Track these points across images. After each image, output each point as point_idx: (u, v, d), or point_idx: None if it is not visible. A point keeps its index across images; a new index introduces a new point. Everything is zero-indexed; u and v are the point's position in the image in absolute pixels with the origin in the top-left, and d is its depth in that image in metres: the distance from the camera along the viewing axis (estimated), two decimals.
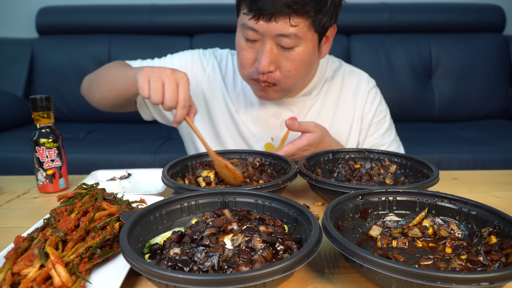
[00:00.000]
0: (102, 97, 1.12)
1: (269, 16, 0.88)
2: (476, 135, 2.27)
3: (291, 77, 0.98)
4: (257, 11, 0.89)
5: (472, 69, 2.54)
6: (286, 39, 0.91)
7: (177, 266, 0.50)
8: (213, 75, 1.18)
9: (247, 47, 0.97)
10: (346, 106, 1.16)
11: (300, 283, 0.55)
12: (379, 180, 0.91)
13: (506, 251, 0.54)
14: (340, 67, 1.20)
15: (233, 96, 1.17)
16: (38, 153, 0.89)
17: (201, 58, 1.21)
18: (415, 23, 2.63)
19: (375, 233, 0.63)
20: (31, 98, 0.88)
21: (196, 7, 2.63)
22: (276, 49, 0.94)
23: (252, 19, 0.90)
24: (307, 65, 0.98)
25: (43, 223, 0.63)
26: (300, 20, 0.90)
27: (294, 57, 0.94)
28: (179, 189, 0.73)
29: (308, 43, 0.94)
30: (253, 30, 0.92)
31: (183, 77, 0.88)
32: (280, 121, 1.14)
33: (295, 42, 0.92)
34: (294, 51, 0.94)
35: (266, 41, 0.93)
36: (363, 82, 1.18)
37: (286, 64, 0.95)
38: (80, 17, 2.62)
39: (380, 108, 1.19)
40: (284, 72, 0.96)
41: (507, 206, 0.84)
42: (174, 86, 0.86)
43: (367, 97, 1.17)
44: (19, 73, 2.56)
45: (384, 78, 2.47)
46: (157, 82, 0.86)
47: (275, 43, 0.93)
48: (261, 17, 0.89)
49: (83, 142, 2.16)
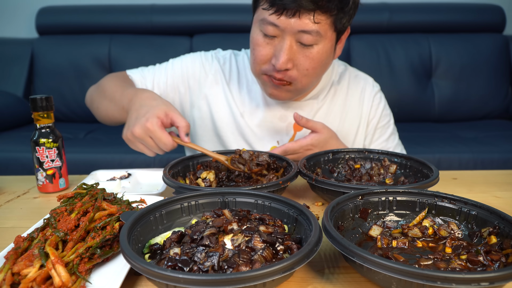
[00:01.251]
0: (103, 120, 1.17)
1: (293, 11, 0.87)
2: (476, 135, 2.27)
3: (308, 76, 0.97)
4: (280, 6, 0.87)
5: (472, 69, 2.54)
6: (307, 36, 0.90)
7: (177, 266, 0.50)
8: (216, 79, 1.16)
9: (265, 43, 0.95)
10: (352, 110, 1.16)
11: (300, 283, 0.55)
12: (379, 180, 0.91)
13: (506, 251, 0.54)
14: (346, 71, 1.20)
15: (238, 99, 1.15)
16: (38, 153, 0.89)
17: (203, 61, 1.19)
18: (415, 23, 2.63)
19: (375, 233, 0.63)
20: (31, 98, 0.88)
21: (196, 7, 2.63)
22: (296, 46, 0.93)
23: (274, 14, 0.89)
24: (323, 64, 0.98)
25: (43, 223, 0.63)
26: (323, 18, 0.89)
27: (313, 56, 0.93)
28: (179, 188, 0.73)
29: (327, 42, 0.94)
30: (274, 25, 0.91)
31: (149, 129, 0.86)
32: (287, 124, 1.12)
33: (315, 39, 0.91)
34: (314, 49, 0.93)
35: (286, 37, 0.91)
36: (369, 87, 1.18)
37: (304, 62, 0.94)
38: (80, 17, 2.63)
39: (385, 113, 1.19)
40: (302, 71, 0.95)
41: (507, 206, 0.84)
42: (150, 142, 0.88)
43: (372, 102, 1.17)
44: (19, 73, 2.56)
45: (384, 78, 2.47)
46: (137, 145, 0.90)
47: (295, 39, 0.92)
48: (284, 12, 0.88)
49: (83, 142, 2.16)
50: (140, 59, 2.51)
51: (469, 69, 2.54)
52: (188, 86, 1.17)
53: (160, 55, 2.48)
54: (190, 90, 1.17)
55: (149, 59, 2.52)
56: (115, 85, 1.09)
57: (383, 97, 1.20)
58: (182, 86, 1.17)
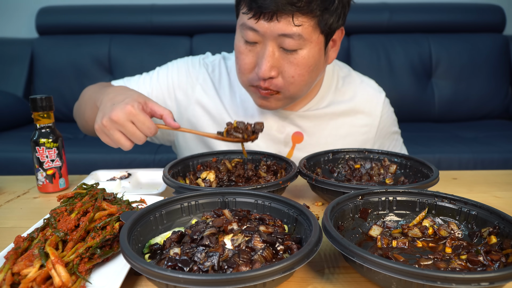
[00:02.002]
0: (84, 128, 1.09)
1: (271, 14, 0.81)
2: (476, 135, 2.27)
3: (295, 84, 0.90)
4: (257, 9, 0.82)
5: (472, 69, 2.54)
6: (289, 40, 0.84)
7: (177, 266, 0.50)
8: (205, 88, 1.09)
9: (247, 50, 0.90)
10: (359, 120, 1.10)
11: (300, 283, 0.55)
12: (379, 180, 0.91)
13: (506, 251, 0.54)
14: (349, 76, 1.13)
15: (231, 109, 1.07)
16: (38, 153, 0.89)
17: (190, 70, 1.10)
18: (415, 23, 2.63)
19: (375, 233, 0.63)
20: (31, 98, 0.88)
21: (196, 7, 2.63)
22: (278, 52, 0.87)
23: (252, 18, 0.84)
24: (312, 70, 0.90)
25: (43, 223, 0.63)
26: (305, 19, 0.83)
27: (298, 61, 0.87)
28: (179, 188, 0.73)
29: (313, 45, 0.87)
30: (253, 30, 0.85)
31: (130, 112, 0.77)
32: (284, 135, 1.07)
33: (299, 43, 0.85)
34: (298, 54, 0.86)
35: (267, 43, 0.86)
36: (375, 93, 1.12)
37: (289, 69, 0.88)
38: (80, 17, 2.62)
39: (393, 118, 1.16)
40: (287, 78, 0.89)
41: (507, 206, 0.84)
42: (130, 127, 0.78)
43: (382, 109, 1.11)
44: (19, 73, 2.56)
45: (384, 78, 2.47)
46: (113, 134, 0.78)
47: (277, 45, 0.86)
48: (262, 16, 0.82)
49: (83, 142, 2.16)
50: (140, 59, 2.52)
51: (469, 69, 2.54)
52: (175, 98, 1.09)
53: (160, 55, 2.48)
54: (178, 102, 1.09)
55: (149, 59, 2.54)
56: (93, 91, 1.02)
57: (389, 104, 1.15)
58: (169, 99, 1.09)
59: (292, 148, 1.08)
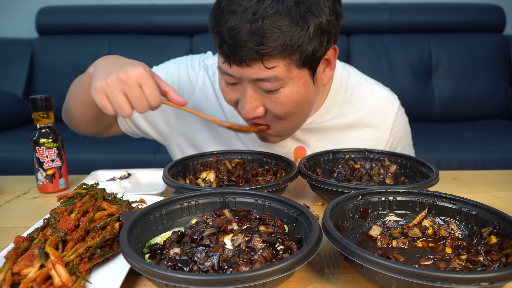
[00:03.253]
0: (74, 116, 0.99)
1: (239, 61, 0.75)
2: (476, 135, 2.27)
3: (284, 120, 0.83)
4: (226, 56, 0.76)
5: (472, 69, 2.54)
6: (266, 83, 0.77)
7: (177, 266, 0.50)
8: (204, 92, 1.03)
9: (228, 89, 0.84)
10: (369, 134, 1.03)
11: (300, 283, 0.55)
12: (379, 180, 0.91)
13: (506, 251, 0.54)
14: (360, 84, 1.05)
15: (231, 118, 1.01)
16: (38, 153, 0.89)
17: (189, 71, 1.04)
18: (415, 23, 2.63)
19: (375, 233, 0.63)
20: (31, 98, 0.88)
21: (196, 7, 2.63)
22: (260, 92, 0.80)
23: (225, 63, 0.78)
24: (300, 104, 0.82)
25: (43, 223, 0.63)
26: (276, 61, 0.74)
27: (282, 100, 0.79)
28: (179, 188, 0.73)
29: (295, 81, 0.78)
30: (229, 75, 0.80)
31: (141, 75, 0.73)
32: (286, 150, 1.02)
33: (277, 84, 0.77)
34: (280, 93, 0.78)
35: (246, 85, 0.79)
36: (388, 106, 1.04)
37: (274, 108, 0.81)
38: (80, 17, 2.63)
39: (406, 131, 1.09)
40: (275, 116, 0.83)
41: (507, 206, 0.84)
42: (137, 91, 0.72)
43: (393, 123, 1.04)
44: (19, 73, 2.56)
45: (384, 78, 2.47)
46: (117, 95, 0.72)
47: (257, 86, 0.79)
48: (232, 62, 0.76)
49: (83, 142, 2.16)
50: (140, 59, 2.46)
51: (469, 69, 2.54)
52: None
53: (160, 55, 2.47)
54: None
55: (149, 59, 2.52)
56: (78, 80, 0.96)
57: (403, 114, 1.08)
58: None
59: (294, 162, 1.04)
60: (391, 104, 1.05)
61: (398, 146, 1.09)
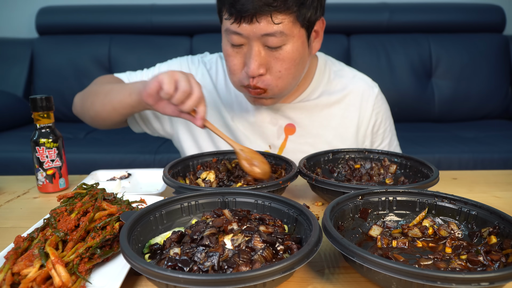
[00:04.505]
0: (96, 114, 1.08)
1: (250, 17, 0.85)
2: (476, 135, 2.27)
3: (282, 78, 0.94)
4: (237, 14, 0.86)
5: (472, 69, 2.54)
6: (272, 38, 0.88)
7: (177, 266, 0.50)
8: (203, 83, 1.13)
9: (234, 52, 0.94)
10: (351, 113, 1.12)
11: (300, 283, 0.55)
12: (379, 180, 0.91)
13: (506, 251, 0.54)
14: (342, 70, 1.16)
15: (227, 103, 1.13)
16: (38, 153, 0.89)
17: (190, 66, 1.17)
18: (415, 23, 2.63)
19: (375, 233, 0.63)
20: (31, 98, 0.88)
21: (196, 7, 2.63)
22: (264, 51, 0.91)
23: (234, 23, 0.88)
24: (297, 63, 0.94)
25: (43, 223, 0.63)
26: (283, 17, 0.86)
27: (284, 56, 0.91)
28: (179, 188, 0.73)
29: (296, 39, 0.91)
30: (237, 34, 0.89)
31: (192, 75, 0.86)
32: (277, 128, 1.10)
33: (282, 40, 0.89)
34: (283, 50, 0.90)
35: (252, 44, 0.90)
36: (369, 89, 1.14)
37: (275, 65, 0.92)
38: (80, 17, 2.62)
39: (386, 115, 1.17)
40: (275, 73, 0.93)
41: (507, 206, 0.84)
42: (185, 78, 0.83)
43: (373, 104, 1.13)
44: (19, 73, 2.56)
45: (384, 78, 2.47)
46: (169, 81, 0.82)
47: (262, 44, 0.90)
48: (243, 20, 0.86)
49: (83, 142, 2.16)
50: (140, 59, 2.52)
51: (469, 69, 2.54)
52: None
53: (160, 55, 2.48)
54: None
55: (149, 59, 2.54)
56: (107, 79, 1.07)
57: (383, 99, 1.17)
58: None
59: (285, 140, 1.11)
60: (371, 88, 1.15)
61: (380, 128, 1.16)
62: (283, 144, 1.11)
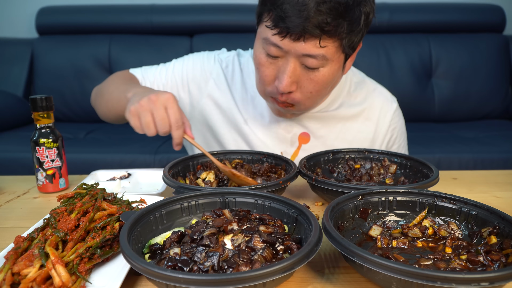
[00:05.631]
0: (104, 114, 1.11)
1: (298, 35, 0.81)
2: (476, 135, 2.27)
3: (311, 98, 0.92)
4: (284, 29, 0.81)
5: (472, 69, 2.54)
6: (312, 60, 0.84)
7: (177, 266, 0.50)
8: (218, 83, 1.11)
9: (268, 63, 0.89)
10: (368, 127, 1.10)
11: (300, 283, 0.55)
12: (379, 180, 0.91)
13: (506, 251, 0.54)
14: (363, 82, 1.13)
15: (241, 105, 1.10)
16: (38, 153, 0.89)
17: (205, 64, 1.13)
18: (415, 23, 2.63)
19: (375, 233, 0.63)
20: (31, 98, 0.88)
21: (196, 7, 2.63)
22: (300, 69, 0.87)
23: (277, 35, 0.83)
24: (329, 86, 0.92)
25: (43, 223, 0.63)
26: (330, 41, 0.83)
27: (318, 79, 0.88)
28: (179, 188, 0.73)
29: (334, 64, 0.87)
30: (277, 46, 0.85)
31: (169, 99, 0.81)
32: (291, 135, 1.08)
33: (321, 63, 0.85)
34: (319, 72, 0.87)
35: (289, 59, 0.85)
36: (387, 104, 1.12)
37: (308, 85, 0.89)
38: (80, 17, 2.62)
39: (401, 130, 1.15)
40: (305, 93, 0.90)
41: (507, 206, 0.84)
42: (162, 112, 0.80)
43: (390, 120, 1.11)
44: (19, 73, 2.56)
45: (384, 78, 2.47)
46: (146, 116, 0.80)
47: (299, 62, 0.86)
48: (288, 35, 0.82)
49: (83, 142, 2.16)
50: (140, 59, 2.51)
51: (469, 69, 2.54)
52: (188, 91, 1.12)
53: (160, 55, 2.48)
54: (191, 95, 1.12)
55: (149, 59, 2.54)
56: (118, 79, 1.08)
57: (400, 114, 1.15)
58: (182, 91, 1.12)
59: (298, 148, 1.09)
60: (390, 103, 1.13)
61: (395, 144, 1.14)
62: (296, 152, 1.09)
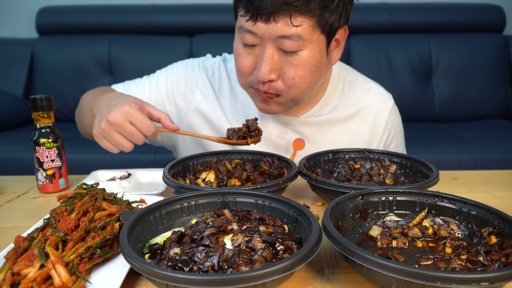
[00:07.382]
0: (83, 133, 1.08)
1: (268, 15, 0.79)
2: (476, 135, 2.27)
3: (296, 86, 0.87)
4: (254, 11, 0.80)
5: (472, 69, 2.54)
6: (288, 42, 0.81)
7: (177, 266, 0.50)
8: (204, 93, 1.07)
9: (245, 53, 0.88)
10: (364, 128, 1.07)
11: (300, 283, 0.55)
12: (379, 180, 0.91)
13: (506, 251, 0.54)
14: (357, 80, 1.10)
15: (231, 114, 1.06)
16: (38, 153, 0.89)
17: (190, 74, 1.09)
18: (415, 23, 2.63)
19: (375, 233, 0.63)
20: (31, 98, 0.88)
21: (196, 7, 2.63)
22: (278, 55, 0.84)
23: (250, 21, 0.82)
24: (314, 71, 0.87)
25: (43, 223, 0.63)
26: (303, 19, 0.80)
27: (298, 62, 0.84)
28: (179, 188, 0.73)
29: (314, 45, 0.84)
30: (251, 33, 0.83)
31: (128, 112, 0.76)
32: (285, 142, 1.05)
33: (298, 44, 0.82)
34: (298, 55, 0.84)
35: (266, 46, 0.84)
36: (383, 103, 1.09)
37: (289, 71, 0.85)
38: (80, 17, 2.63)
39: (398, 129, 1.13)
40: (288, 81, 0.86)
41: (507, 206, 0.84)
42: (129, 127, 0.77)
43: (387, 119, 1.08)
44: (19, 73, 2.56)
45: (384, 78, 2.47)
46: (114, 137, 0.78)
47: (276, 47, 0.84)
48: (259, 18, 0.80)
49: (83, 142, 2.16)
50: (140, 59, 2.52)
51: (469, 69, 2.54)
52: (174, 103, 1.09)
53: (160, 55, 2.48)
54: (177, 107, 1.09)
55: (149, 59, 2.54)
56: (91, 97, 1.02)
57: (397, 112, 1.12)
58: (168, 104, 1.09)
59: (293, 155, 1.07)
60: (386, 101, 1.10)
61: (392, 143, 1.13)
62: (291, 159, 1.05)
